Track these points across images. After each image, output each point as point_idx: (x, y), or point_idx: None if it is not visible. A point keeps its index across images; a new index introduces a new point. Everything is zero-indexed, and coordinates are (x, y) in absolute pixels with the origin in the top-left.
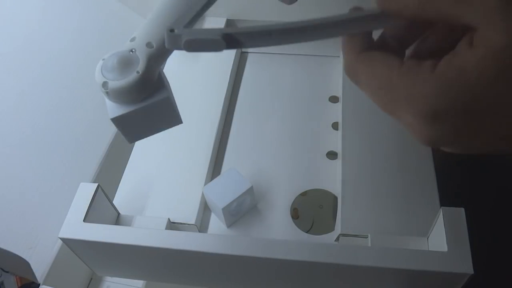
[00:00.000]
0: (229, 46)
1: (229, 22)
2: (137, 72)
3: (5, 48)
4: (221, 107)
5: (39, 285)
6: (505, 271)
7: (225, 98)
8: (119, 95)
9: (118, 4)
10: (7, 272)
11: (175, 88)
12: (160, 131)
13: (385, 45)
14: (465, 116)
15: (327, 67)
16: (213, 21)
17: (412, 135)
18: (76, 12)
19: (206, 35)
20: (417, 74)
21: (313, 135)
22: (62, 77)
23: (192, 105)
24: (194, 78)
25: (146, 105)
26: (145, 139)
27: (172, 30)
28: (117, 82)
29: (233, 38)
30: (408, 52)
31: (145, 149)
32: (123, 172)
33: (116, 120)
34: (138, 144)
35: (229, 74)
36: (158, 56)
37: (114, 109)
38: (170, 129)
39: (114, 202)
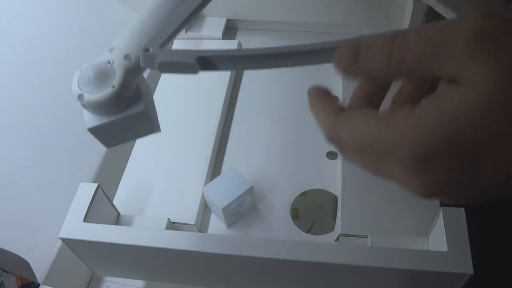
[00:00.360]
0: (204, 69)
1: (229, 22)
2: (113, 86)
3: (5, 48)
4: (221, 107)
5: (39, 285)
6: (505, 271)
7: (225, 98)
8: (95, 108)
9: (118, 4)
10: (7, 272)
11: (176, 88)
12: (139, 138)
13: (362, 100)
14: (453, 161)
15: (327, 67)
16: (214, 21)
17: (411, 192)
18: (76, 12)
19: (181, 57)
20: (395, 120)
21: (313, 135)
22: (62, 77)
23: (192, 105)
24: (194, 78)
25: (122, 117)
26: (145, 139)
27: (147, 50)
28: (93, 95)
29: (208, 61)
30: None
31: (145, 149)
32: (123, 172)
33: (92, 130)
34: (138, 144)
35: (229, 74)
36: (135, 69)
37: (90, 119)
38: (170, 129)
39: (114, 202)
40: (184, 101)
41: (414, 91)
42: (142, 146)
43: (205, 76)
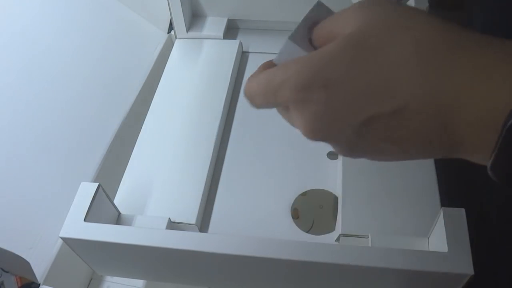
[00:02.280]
0: None
1: (230, 22)
2: None
3: (4, 48)
4: (221, 107)
5: (39, 285)
6: (505, 271)
7: (225, 98)
8: None
9: (118, 4)
10: (7, 272)
11: (176, 88)
12: None
13: None
14: (324, 90)
15: None
16: (215, 21)
17: (300, 131)
18: (76, 11)
19: None
20: (285, 65)
21: None
22: (62, 77)
23: (193, 105)
24: (194, 78)
25: None
26: (145, 139)
27: None
28: None
29: None
30: None
31: (146, 149)
32: (124, 172)
33: None
34: (139, 144)
35: (229, 74)
36: None
37: None
38: (170, 129)
39: (114, 201)
40: (184, 101)
41: None
42: (143, 146)
43: (206, 75)
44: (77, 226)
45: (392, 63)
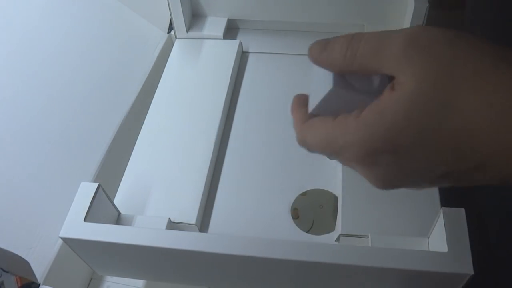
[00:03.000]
0: None
1: (230, 22)
2: None
3: (3, 48)
4: (221, 107)
5: (39, 285)
6: (505, 271)
7: (225, 98)
8: None
9: (118, 4)
10: (7, 272)
11: (176, 88)
12: None
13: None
14: (395, 155)
15: None
16: (215, 21)
17: (368, 181)
18: (75, 11)
19: None
20: (346, 123)
21: None
22: (62, 77)
23: (193, 105)
24: (194, 78)
25: None
26: (145, 139)
27: None
28: None
29: None
30: None
31: (146, 148)
32: (124, 172)
33: None
34: (139, 144)
35: (229, 74)
36: None
37: None
38: (171, 129)
39: (114, 201)
40: (184, 101)
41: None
42: (143, 146)
43: (206, 75)
44: (77, 226)
45: (465, 126)
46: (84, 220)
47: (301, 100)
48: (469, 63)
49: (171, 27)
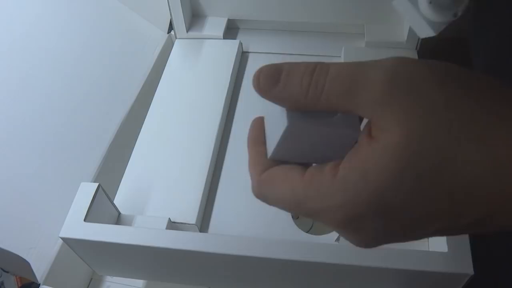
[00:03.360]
0: None
1: (230, 22)
2: None
3: (3, 48)
4: (221, 107)
5: (39, 285)
6: (505, 271)
7: (225, 98)
8: None
9: (118, 4)
10: (7, 272)
11: (176, 88)
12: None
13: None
14: (382, 219)
15: None
16: (215, 20)
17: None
18: (75, 11)
19: None
20: (320, 184)
21: None
22: (62, 77)
23: (193, 105)
24: (194, 78)
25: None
26: (145, 139)
27: None
28: None
29: None
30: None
31: (146, 149)
32: (124, 172)
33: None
34: (139, 144)
35: (229, 74)
36: None
37: None
38: (170, 129)
39: (114, 201)
40: (184, 101)
41: None
42: (143, 146)
43: (206, 75)
44: (77, 226)
45: (466, 181)
46: (84, 220)
47: (258, 136)
48: (465, 108)
49: (171, 27)
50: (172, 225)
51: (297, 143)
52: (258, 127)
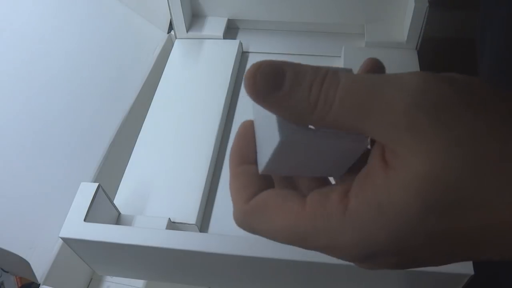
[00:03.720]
0: None
1: (230, 22)
2: None
3: (3, 48)
4: (221, 107)
5: (39, 285)
6: (505, 271)
7: (225, 98)
8: None
9: (118, 4)
10: (7, 272)
11: (176, 88)
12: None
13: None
14: (397, 256)
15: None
16: (215, 20)
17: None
18: (75, 11)
19: None
20: (329, 217)
21: None
22: (62, 77)
23: (193, 105)
24: (195, 78)
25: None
26: (145, 139)
27: None
28: None
29: None
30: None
31: (146, 149)
32: (124, 172)
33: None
34: (139, 144)
35: (229, 74)
36: None
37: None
38: (171, 129)
39: (114, 201)
40: (184, 101)
41: None
42: (143, 146)
43: (206, 75)
44: (77, 226)
45: (493, 223)
46: (84, 220)
47: (244, 148)
48: (499, 138)
49: (171, 27)
50: (172, 225)
51: (293, 156)
52: (245, 137)
